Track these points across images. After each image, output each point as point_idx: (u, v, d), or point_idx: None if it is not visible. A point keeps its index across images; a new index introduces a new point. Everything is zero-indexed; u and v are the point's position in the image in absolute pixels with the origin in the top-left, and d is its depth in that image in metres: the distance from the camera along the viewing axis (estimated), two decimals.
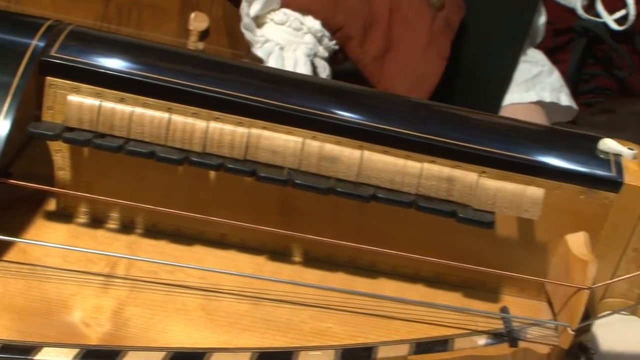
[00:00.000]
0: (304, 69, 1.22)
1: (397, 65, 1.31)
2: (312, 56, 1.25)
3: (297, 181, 0.78)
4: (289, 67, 1.22)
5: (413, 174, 0.78)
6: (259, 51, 1.21)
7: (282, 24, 1.24)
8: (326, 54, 1.27)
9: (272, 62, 1.23)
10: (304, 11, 1.23)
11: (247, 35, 1.23)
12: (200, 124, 0.79)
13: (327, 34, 1.25)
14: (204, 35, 1.30)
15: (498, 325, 0.80)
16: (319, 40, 1.25)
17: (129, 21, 1.26)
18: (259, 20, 1.25)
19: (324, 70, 1.26)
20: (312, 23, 1.24)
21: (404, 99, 0.88)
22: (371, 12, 1.30)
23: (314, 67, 1.25)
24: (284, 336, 0.77)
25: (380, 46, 1.31)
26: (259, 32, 1.24)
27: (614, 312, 0.84)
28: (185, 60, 0.84)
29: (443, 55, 1.36)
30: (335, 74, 1.26)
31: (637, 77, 1.79)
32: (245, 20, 1.22)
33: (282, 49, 1.23)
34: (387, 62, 1.32)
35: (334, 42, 1.28)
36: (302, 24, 1.24)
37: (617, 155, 0.81)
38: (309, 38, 1.24)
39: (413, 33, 1.33)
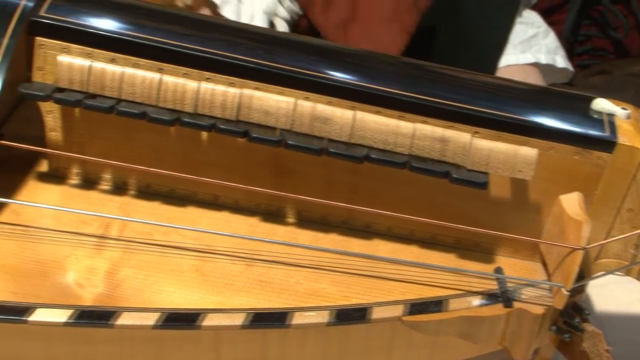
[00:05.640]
0: (260, 23, 1.22)
1: (359, 34, 1.31)
2: (271, 14, 1.24)
3: (290, 142, 0.77)
4: (244, 20, 1.22)
5: (406, 134, 0.78)
6: None
7: None
8: (287, 16, 1.27)
9: (226, 12, 1.23)
10: None
11: None
12: (191, 84, 0.78)
13: None
14: None
15: (492, 286, 0.80)
16: (280, 0, 1.25)
17: None
18: None
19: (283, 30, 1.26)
20: None
21: (396, 58, 0.88)
22: None
23: (272, 26, 1.25)
24: (278, 297, 0.76)
25: (344, 14, 1.31)
26: None
27: (608, 272, 0.83)
28: (176, 20, 0.83)
29: (407, 30, 1.36)
30: None
31: (633, 38, 1.79)
32: None
33: (240, 1, 1.22)
34: (350, 30, 1.32)
35: (296, 4, 1.27)
36: None
37: (611, 115, 0.80)
38: None
39: (378, 5, 1.33)
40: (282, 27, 1.27)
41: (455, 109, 0.79)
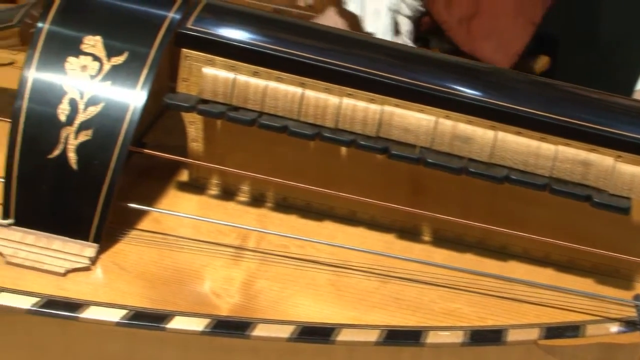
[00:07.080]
0: (384, 19, 1.23)
1: (483, 28, 1.31)
2: (395, 12, 1.25)
3: (430, 160, 0.77)
4: (369, 14, 1.23)
5: (547, 156, 0.77)
6: None
7: None
8: (409, 13, 1.28)
9: (352, 7, 1.24)
10: None
11: None
12: (333, 99, 0.79)
13: None
14: None
15: (631, 313, 0.78)
16: None
17: None
18: None
19: (406, 27, 1.26)
20: None
21: (536, 79, 0.87)
22: None
23: (395, 23, 1.25)
24: (413, 315, 0.76)
25: (467, 9, 1.31)
26: None
27: None
28: (319, 36, 0.84)
29: (533, 20, 1.34)
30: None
31: None
32: None
33: None
34: (474, 25, 1.32)
35: (419, 1, 1.28)
36: None
37: None
38: None
39: None
40: (405, 24, 1.28)
41: (598, 132, 0.78)
